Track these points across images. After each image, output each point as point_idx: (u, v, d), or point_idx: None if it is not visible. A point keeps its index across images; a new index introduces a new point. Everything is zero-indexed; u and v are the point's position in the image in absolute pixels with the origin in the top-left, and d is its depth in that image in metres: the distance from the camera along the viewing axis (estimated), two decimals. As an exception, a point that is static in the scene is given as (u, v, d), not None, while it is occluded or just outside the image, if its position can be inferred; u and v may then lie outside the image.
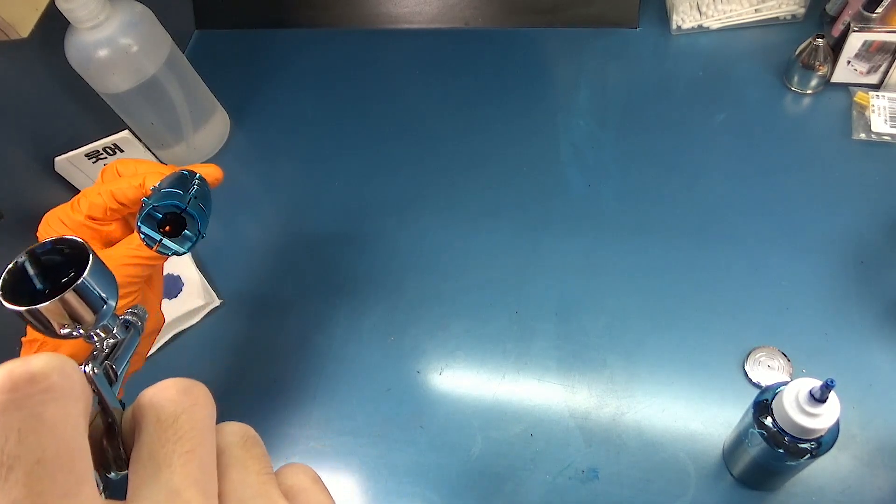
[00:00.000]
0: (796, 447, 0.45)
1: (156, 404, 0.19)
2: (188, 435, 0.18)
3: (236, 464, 0.20)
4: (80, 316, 0.25)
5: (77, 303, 0.24)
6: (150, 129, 0.78)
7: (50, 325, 0.25)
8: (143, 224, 0.42)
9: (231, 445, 0.21)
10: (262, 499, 0.19)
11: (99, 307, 0.25)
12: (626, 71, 0.82)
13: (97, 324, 0.26)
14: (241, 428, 0.22)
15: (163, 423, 0.19)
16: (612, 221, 0.71)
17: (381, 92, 0.88)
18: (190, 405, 0.19)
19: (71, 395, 0.16)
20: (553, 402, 0.62)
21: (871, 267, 0.64)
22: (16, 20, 0.67)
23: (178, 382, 0.20)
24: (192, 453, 0.18)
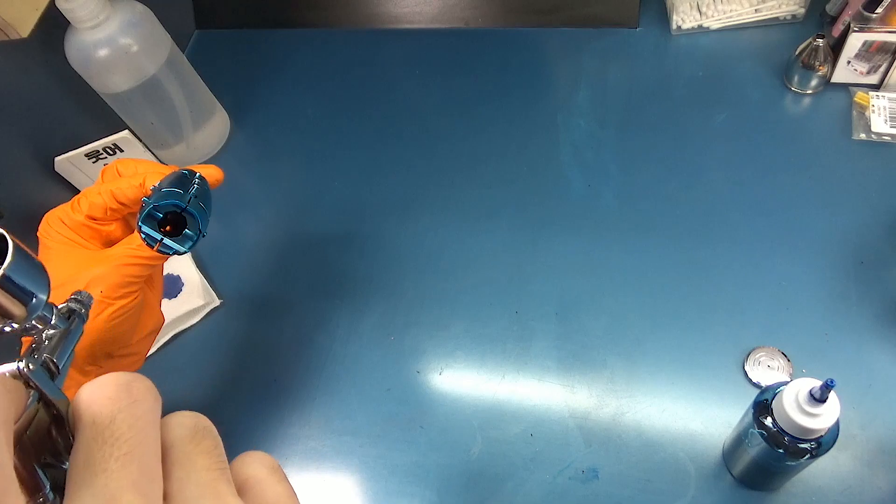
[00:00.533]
0: (796, 447, 0.45)
1: (92, 403, 0.18)
2: (125, 436, 0.18)
3: (183, 460, 0.19)
4: (9, 311, 0.24)
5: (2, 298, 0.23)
6: (150, 129, 0.78)
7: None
8: (144, 224, 0.42)
9: (178, 440, 0.20)
10: (210, 498, 0.18)
11: (27, 301, 0.24)
12: (626, 71, 0.82)
13: (29, 318, 0.25)
14: (191, 419, 0.20)
15: (99, 424, 0.18)
16: (611, 221, 0.71)
17: (381, 92, 0.88)
18: (128, 403, 0.18)
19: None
20: (553, 402, 0.62)
21: (871, 267, 0.64)
22: (16, 20, 0.67)
23: (117, 378, 0.19)
24: (131, 455, 0.17)
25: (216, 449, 0.20)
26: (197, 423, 0.20)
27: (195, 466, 0.19)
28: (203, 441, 0.20)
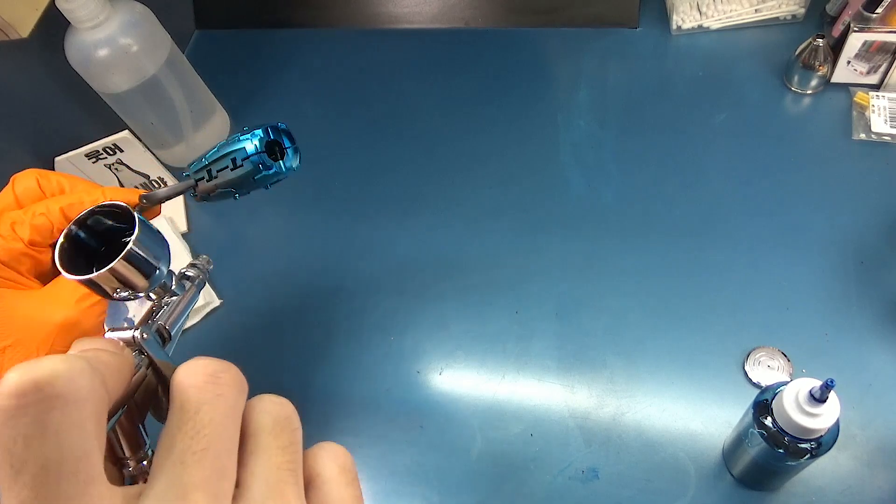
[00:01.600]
0: (796, 447, 0.45)
1: (182, 390, 0.19)
2: (205, 431, 0.18)
3: (260, 453, 0.20)
4: (132, 282, 0.25)
5: (127, 271, 0.25)
6: (150, 129, 0.78)
7: (104, 291, 0.25)
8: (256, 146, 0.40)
9: (260, 429, 0.20)
10: (276, 500, 0.19)
11: (150, 272, 0.26)
12: (626, 71, 0.82)
13: (150, 288, 0.26)
14: (276, 408, 0.21)
15: (185, 412, 0.19)
16: (612, 221, 0.71)
17: (380, 92, 0.88)
18: (213, 396, 0.19)
19: (75, 401, 0.16)
20: (553, 402, 0.62)
21: (871, 267, 0.64)
22: (16, 20, 0.67)
23: (208, 367, 0.20)
24: (207, 451, 0.18)
25: (292, 445, 0.21)
26: (279, 414, 0.21)
27: (269, 463, 0.20)
28: (282, 435, 0.20)
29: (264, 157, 0.41)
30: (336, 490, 0.21)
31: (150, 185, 0.81)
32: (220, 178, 0.41)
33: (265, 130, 0.42)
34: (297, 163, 0.43)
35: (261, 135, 0.41)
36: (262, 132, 0.41)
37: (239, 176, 0.42)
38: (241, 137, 0.41)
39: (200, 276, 0.32)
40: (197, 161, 0.43)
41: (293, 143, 0.44)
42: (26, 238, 0.36)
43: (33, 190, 0.38)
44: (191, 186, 0.43)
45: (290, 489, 0.20)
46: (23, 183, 0.38)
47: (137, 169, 0.79)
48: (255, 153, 0.40)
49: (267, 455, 0.20)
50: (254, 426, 0.20)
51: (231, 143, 0.42)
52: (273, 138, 0.42)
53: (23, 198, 0.38)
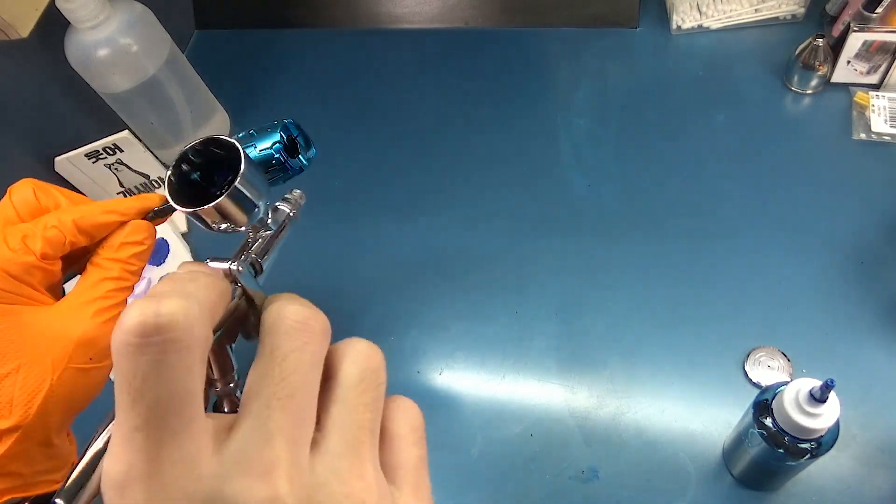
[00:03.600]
0: (796, 447, 0.45)
1: (273, 334, 0.20)
2: (291, 378, 0.20)
3: (343, 405, 0.21)
4: (234, 218, 0.27)
5: (231, 207, 0.26)
6: (150, 129, 0.78)
7: (207, 223, 0.27)
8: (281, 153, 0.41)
9: (346, 380, 0.21)
10: (349, 458, 0.20)
11: (251, 210, 0.27)
12: (626, 71, 0.82)
13: (249, 223, 0.28)
14: (365, 358, 0.22)
15: (274, 357, 0.20)
16: (612, 221, 0.71)
17: (380, 92, 0.88)
18: (301, 344, 0.20)
19: (189, 345, 0.18)
20: (553, 402, 0.62)
21: (871, 267, 0.64)
22: (16, 20, 0.67)
23: (299, 314, 0.21)
24: (292, 398, 0.19)
25: (375, 402, 0.21)
26: (367, 367, 0.22)
27: (350, 419, 0.21)
28: (366, 392, 0.21)
29: (289, 160, 0.42)
30: (405, 449, 0.22)
31: (150, 185, 0.81)
32: None
33: (281, 132, 0.42)
34: (314, 151, 0.44)
35: (278, 138, 0.41)
36: (279, 134, 0.42)
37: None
38: (258, 144, 0.41)
39: (293, 210, 0.33)
40: None
41: (304, 133, 0.44)
42: (38, 251, 0.35)
43: (31, 201, 0.37)
44: None
45: (366, 449, 0.20)
46: (20, 193, 0.38)
47: (137, 169, 0.79)
48: (281, 160, 0.41)
49: (349, 409, 0.21)
50: (341, 375, 0.21)
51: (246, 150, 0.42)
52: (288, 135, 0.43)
53: (21, 209, 0.37)
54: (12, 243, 0.34)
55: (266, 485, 0.18)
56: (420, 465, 0.23)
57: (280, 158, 0.41)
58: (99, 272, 0.36)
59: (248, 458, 0.18)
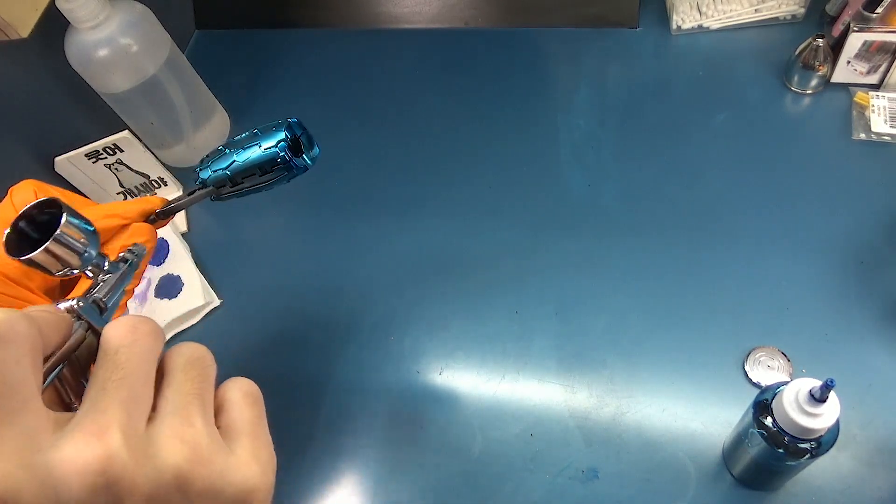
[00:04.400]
0: (796, 447, 0.45)
1: (105, 340, 0.23)
2: (123, 365, 0.22)
3: (172, 383, 0.24)
4: (67, 261, 0.30)
5: (60, 251, 0.30)
6: (150, 129, 0.78)
7: (46, 269, 0.30)
8: (286, 151, 0.42)
9: (174, 367, 0.24)
10: (178, 415, 0.23)
11: (81, 253, 0.31)
12: (626, 71, 0.82)
13: (84, 265, 0.31)
14: (190, 351, 0.25)
15: (107, 354, 0.23)
16: (611, 221, 0.71)
17: (380, 92, 0.88)
18: (130, 341, 0.23)
19: (12, 341, 0.20)
20: (553, 402, 0.62)
21: (871, 267, 0.64)
22: (16, 20, 0.67)
23: (129, 321, 0.24)
24: (124, 380, 0.22)
25: (200, 377, 0.24)
26: (192, 355, 0.25)
27: (178, 390, 0.24)
28: (191, 371, 0.24)
29: (294, 159, 0.42)
30: (239, 410, 0.25)
31: (150, 185, 0.81)
32: (247, 183, 0.44)
33: (286, 131, 0.42)
34: (318, 150, 0.45)
35: (283, 137, 0.42)
36: (283, 134, 0.42)
37: (268, 180, 0.43)
38: (263, 143, 0.42)
39: (133, 259, 0.36)
40: (209, 166, 0.43)
41: (307, 133, 0.44)
42: None
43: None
44: (210, 194, 0.43)
45: (194, 409, 0.23)
46: (21, 194, 0.39)
47: (137, 169, 0.79)
48: (285, 159, 0.42)
49: (176, 384, 0.24)
50: (169, 366, 0.24)
51: (250, 150, 0.42)
52: (293, 135, 0.43)
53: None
54: None
55: (100, 441, 0.20)
56: (256, 423, 0.26)
57: (285, 157, 0.41)
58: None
59: (83, 426, 0.20)
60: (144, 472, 0.21)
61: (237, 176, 0.43)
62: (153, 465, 0.21)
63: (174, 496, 0.21)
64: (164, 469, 0.21)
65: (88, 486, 0.19)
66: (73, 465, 0.19)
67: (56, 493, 0.19)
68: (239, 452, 0.24)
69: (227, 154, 0.43)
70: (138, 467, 0.20)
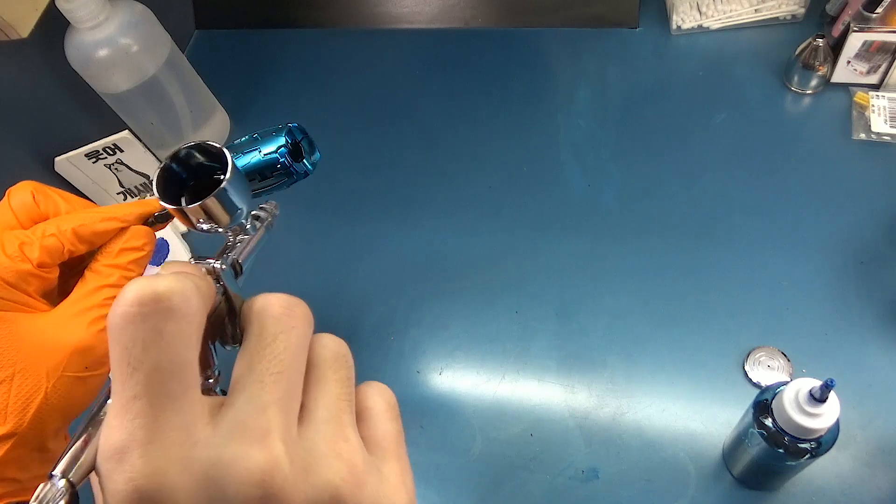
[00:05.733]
0: (796, 447, 0.45)
1: (261, 318, 0.22)
2: (281, 356, 0.21)
3: (321, 382, 0.22)
4: (218, 218, 0.29)
5: (216, 207, 0.28)
6: (150, 129, 0.78)
7: (191, 221, 0.29)
8: (286, 157, 0.42)
9: (321, 361, 0.23)
10: (333, 424, 0.21)
11: (234, 212, 0.29)
12: (626, 71, 0.82)
13: (231, 224, 0.30)
14: (335, 346, 0.24)
15: (264, 339, 0.21)
16: (611, 221, 0.71)
17: (380, 92, 0.88)
18: (288, 328, 0.22)
19: (187, 315, 0.19)
20: (553, 402, 0.62)
21: (871, 267, 0.64)
22: (16, 20, 0.67)
23: (283, 301, 0.22)
24: (282, 374, 0.21)
25: (349, 379, 0.23)
26: (339, 350, 0.24)
27: (329, 391, 0.22)
28: (340, 370, 0.23)
29: (294, 165, 0.42)
30: (383, 423, 0.24)
31: (150, 185, 0.81)
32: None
33: (286, 136, 0.42)
34: (319, 155, 0.45)
35: (283, 143, 0.42)
36: (284, 139, 0.42)
37: (267, 186, 0.43)
38: (263, 148, 0.42)
39: (269, 218, 0.35)
40: None
41: (308, 138, 0.44)
42: (35, 259, 0.34)
43: (29, 205, 0.37)
44: None
45: (346, 417, 0.22)
46: (18, 196, 0.37)
47: (137, 169, 0.79)
48: (286, 164, 0.42)
49: (327, 385, 0.22)
50: (317, 358, 0.23)
51: (250, 155, 0.42)
52: (293, 140, 0.43)
53: (19, 213, 0.36)
54: (9, 250, 0.34)
55: (263, 449, 0.19)
56: (399, 438, 0.24)
57: (285, 163, 0.42)
58: (97, 279, 0.36)
59: (244, 426, 0.19)
60: (303, 488, 0.19)
61: None
62: (312, 484, 0.20)
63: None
64: (323, 489, 0.20)
65: (243, 496, 0.18)
66: (235, 472, 0.18)
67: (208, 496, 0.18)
68: (389, 477, 0.23)
69: None
70: (298, 482, 0.19)
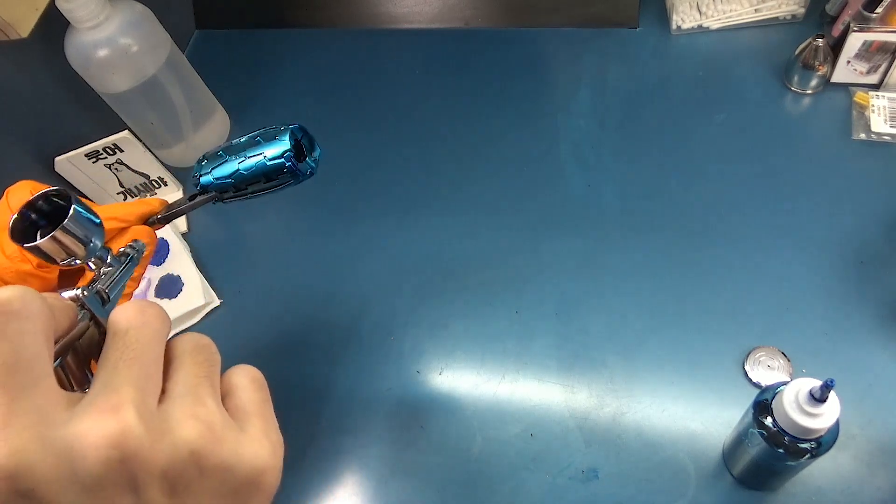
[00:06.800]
0: (796, 447, 0.45)
1: (115, 321, 0.24)
2: (133, 345, 0.23)
3: (180, 367, 0.24)
4: (73, 251, 0.31)
5: (67, 240, 0.30)
6: (150, 129, 0.78)
7: (51, 257, 0.31)
8: (292, 161, 0.42)
9: (181, 352, 0.25)
10: (189, 396, 0.23)
11: (86, 244, 0.31)
12: (626, 71, 0.82)
13: (88, 256, 0.32)
14: (196, 338, 0.26)
15: (117, 335, 0.23)
16: (612, 221, 0.71)
17: (380, 92, 0.88)
18: (140, 323, 0.23)
19: (28, 316, 0.20)
20: (553, 402, 0.62)
21: (871, 267, 0.64)
22: (16, 20, 0.67)
23: (137, 304, 0.24)
24: (135, 359, 0.22)
25: (207, 361, 0.25)
26: (198, 342, 0.26)
27: (187, 372, 0.24)
28: (199, 355, 0.25)
29: (299, 166, 0.42)
30: (247, 394, 0.26)
31: (150, 185, 0.81)
32: (251, 189, 0.44)
33: (290, 137, 0.42)
34: (319, 151, 0.46)
35: (288, 147, 0.42)
36: (289, 143, 0.42)
37: (272, 187, 0.43)
38: (267, 151, 0.42)
39: (134, 254, 0.37)
40: (210, 173, 0.43)
41: (308, 135, 0.44)
42: (35, 260, 0.36)
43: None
44: (212, 199, 0.44)
45: (204, 390, 0.24)
46: (17, 196, 0.38)
47: (137, 169, 0.79)
48: (292, 168, 0.42)
49: (185, 368, 0.24)
50: (176, 351, 0.25)
51: (254, 158, 0.42)
52: (296, 141, 0.43)
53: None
54: (9, 251, 0.35)
55: (115, 418, 0.20)
56: (264, 405, 0.27)
57: (291, 167, 0.42)
58: None
59: (96, 403, 0.20)
60: (160, 447, 0.21)
61: (241, 184, 0.43)
62: (169, 441, 0.21)
63: (189, 472, 0.21)
64: (180, 445, 0.21)
65: (104, 460, 0.19)
66: (89, 440, 0.19)
67: (71, 467, 0.19)
68: (251, 432, 0.25)
69: (228, 161, 0.43)
70: (154, 443, 0.20)
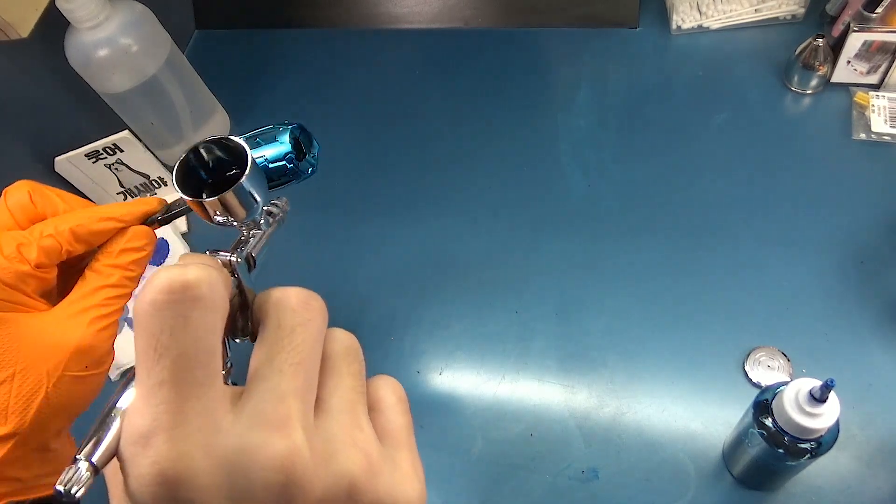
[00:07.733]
0: (796, 447, 0.45)
1: (279, 310, 0.22)
2: (300, 347, 0.22)
3: (335, 374, 0.23)
4: (235, 212, 0.30)
5: (234, 201, 0.29)
6: (150, 129, 0.78)
7: (208, 214, 0.30)
8: (293, 162, 0.42)
9: (335, 355, 0.24)
10: (348, 414, 0.22)
11: (251, 207, 0.30)
12: (626, 71, 0.82)
13: (247, 219, 0.31)
14: (347, 339, 0.25)
15: (282, 330, 0.22)
16: (612, 221, 0.71)
17: (380, 92, 0.88)
18: (305, 320, 0.22)
19: (214, 304, 0.19)
20: (553, 402, 0.62)
21: (871, 267, 0.64)
22: (16, 20, 0.67)
23: (301, 294, 0.23)
24: (301, 365, 0.21)
25: (361, 373, 0.24)
26: (351, 344, 0.24)
27: (343, 383, 0.23)
28: (353, 363, 0.24)
29: (300, 166, 0.42)
30: (394, 416, 0.24)
31: (150, 185, 0.81)
32: None
33: (290, 137, 0.42)
34: (318, 147, 0.46)
35: (290, 150, 0.42)
36: (290, 146, 0.42)
37: (273, 186, 0.43)
38: (267, 153, 0.42)
39: (281, 213, 0.36)
40: None
41: (306, 132, 0.44)
42: (33, 260, 0.34)
43: (26, 205, 0.37)
44: None
45: (360, 408, 0.23)
46: (15, 196, 0.37)
47: (137, 169, 0.79)
48: (294, 169, 0.42)
49: (342, 377, 0.23)
50: (330, 351, 0.24)
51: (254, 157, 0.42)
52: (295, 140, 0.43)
53: (16, 213, 0.36)
54: (7, 251, 0.34)
55: (285, 436, 0.19)
56: (410, 430, 0.25)
57: (293, 168, 0.42)
58: (97, 279, 0.36)
59: (265, 414, 0.19)
60: (322, 475, 0.20)
61: None
62: (332, 471, 0.20)
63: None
64: (340, 476, 0.20)
65: (267, 483, 0.19)
66: (257, 459, 0.19)
67: (229, 480, 0.18)
68: (403, 467, 0.23)
69: None
70: (318, 469, 0.20)
